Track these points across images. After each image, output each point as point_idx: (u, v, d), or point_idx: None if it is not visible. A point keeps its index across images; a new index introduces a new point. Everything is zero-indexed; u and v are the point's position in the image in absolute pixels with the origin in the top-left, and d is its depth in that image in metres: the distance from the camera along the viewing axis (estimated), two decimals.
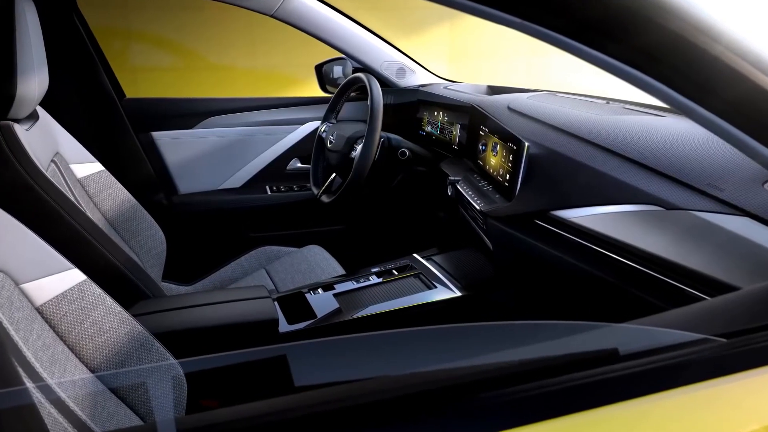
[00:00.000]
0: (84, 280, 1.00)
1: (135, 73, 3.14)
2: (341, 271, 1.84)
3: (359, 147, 1.83)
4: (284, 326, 1.45)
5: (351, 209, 2.35)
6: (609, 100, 1.54)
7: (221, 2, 2.01)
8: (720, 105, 0.58)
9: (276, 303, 1.51)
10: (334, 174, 2.02)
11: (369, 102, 1.77)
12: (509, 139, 1.40)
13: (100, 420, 0.88)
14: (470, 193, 1.56)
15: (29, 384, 0.78)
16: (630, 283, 1.01)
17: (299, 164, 2.35)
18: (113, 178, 1.63)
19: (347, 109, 2.19)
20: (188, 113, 2.26)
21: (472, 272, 1.72)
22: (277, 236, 2.25)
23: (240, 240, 2.23)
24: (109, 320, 1.00)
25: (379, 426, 0.52)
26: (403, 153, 1.93)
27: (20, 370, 0.77)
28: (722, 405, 0.58)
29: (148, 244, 1.66)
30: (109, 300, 1.02)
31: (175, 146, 2.24)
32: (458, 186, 1.66)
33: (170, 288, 1.81)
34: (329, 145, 1.98)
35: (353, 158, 1.86)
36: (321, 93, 2.37)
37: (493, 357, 0.60)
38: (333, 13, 2.15)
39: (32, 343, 0.85)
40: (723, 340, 0.60)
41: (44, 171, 1.24)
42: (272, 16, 2.07)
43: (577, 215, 1.13)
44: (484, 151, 1.60)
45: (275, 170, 2.32)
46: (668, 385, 0.56)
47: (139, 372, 1.02)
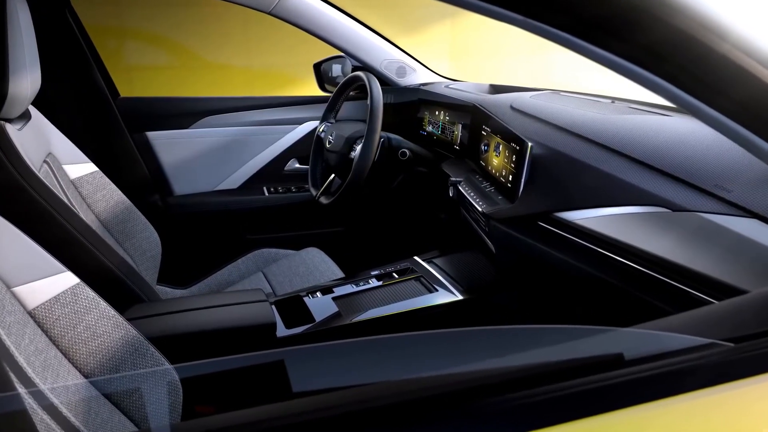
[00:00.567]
0: (77, 284, 1.00)
1: (129, 72, 3.14)
2: (340, 274, 1.84)
3: (359, 147, 1.83)
4: (282, 330, 1.45)
5: (350, 211, 2.35)
6: (614, 100, 1.55)
7: None
8: (727, 104, 0.58)
9: (273, 307, 1.51)
10: (333, 175, 2.02)
11: (369, 101, 1.78)
12: (512, 139, 1.40)
13: (94, 426, 0.88)
14: (472, 195, 1.56)
15: (21, 390, 0.78)
16: (635, 287, 1.01)
17: (297, 165, 2.35)
18: (107, 179, 1.63)
19: (346, 109, 2.19)
20: (184, 113, 2.26)
21: (474, 275, 1.72)
22: (275, 238, 2.25)
23: (237, 242, 2.23)
24: (103, 324, 1.00)
25: None
26: (404, 153, 1.93)
27: (12, 376, 0.77)
28: (730, 411, 0.58)
29: (143, 247, 1.66)
30: (103, 303, 1.02)
31: (171, 146, 2.24)
32: (460, 187, 1.66)
33: (165, 291, 1.81)
34: (328, 146, 1.99)
35: (352, 159, 1.86)
36: (319, 92, 2.38)
37: (496, 362, 0.60)
38: (332, 10, 2.15)
39: (24, 348, 0.85)
40: (731, 345, 0.59)
41: (37, 172, 1.24)
42: (269, 14, 2.07)
43: (582, 217, 1.13)
44: (487, 152, 1.60)
45: (273, 171, 2.33)
46: (674, 391, 0.56)
47: (134, 377, 1.02)
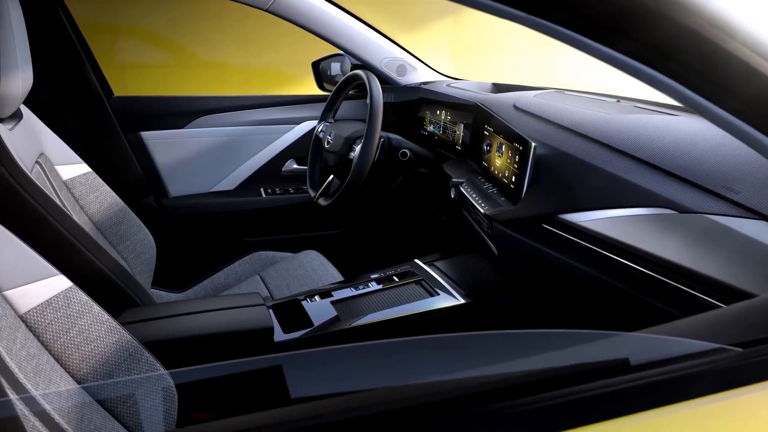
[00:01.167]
0: (70, 287, 1.00)
1: (123, 71, 3.14)
2: (339, 278, 1.84)
3: (358, 147, 1.83)
4: (279, 335, 1.45)
5: (349, 213, 2.35)
6: (620, 99, 1.55)
7: None
8: (736, 103, 0.58)
9: (271, 311, 1.51)
10: (332, 176, 2.02)
11: (368, 100, 1.78)
12: (515, 140, 1.40)
13: None
14: (474, 196, 1.56)
15: (12, 395, 0.78)
16: (641, 290, 1.01)
17: (295, 165, 2.35)
18: (100, 180, 1.63)
19: (345, 108, 2.19)
20: (179, 112, 2.26)
21: (477, 278, 1.72)
22: (272, 241, 2.25)
23: (233, 245, 2.23)
24: (96, 329, 1.00)
25: None
26: (404, 154, 1.93)
27: (3, 381, 0.77)
28: (738, 417, 0.58)
29: (137, 249, 1.66)
30: (97, 308, 1.02)
31: (166, 147, 2.24)
32: (462, 188, 1.66)
33: (160, 295, 1.82)
34: (327, 146, 1.99)
35: (352, 159, 1.86)
36: (318, 91, 2.38)
37: (499, 367, 0.60)
38: (330, 8, 2.15)
39: (16, 353, 0.85)
40: (739, 350, 0.60)
41: (28, 172, 1.24)
42: (267, 11, 2.07)
43: (586, 219, 1.13)
44: (489, 152, 1.60)
45: (270, 172, 2.33)
46: (681, 397, 0.56)
47: (128, 383, 1.02)
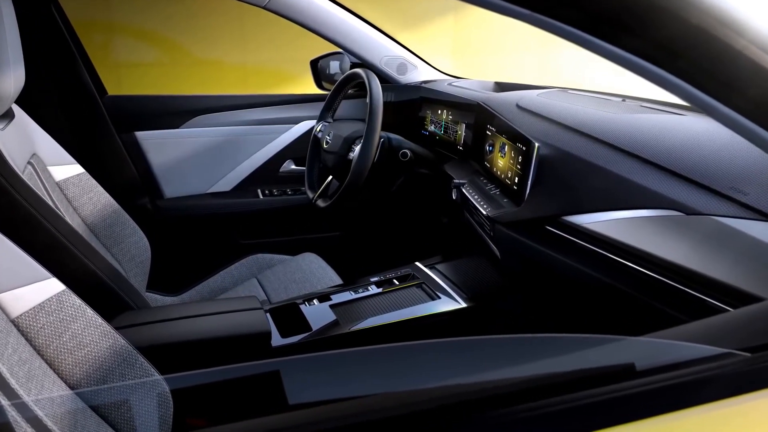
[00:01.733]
0: (63, 291, 1.00)
1: (117, 69, 3.14)
2: (338, 281, 1.84)
3: (357, 148, 1.83)
4: (277, 340, 1.45)
5: (349, 214, 2.35)
6: (625, 98, 1.55)
7: None
8: (744, 103, 0.58)
9: (268, 315, 1.51)
10: (331, 177, 2.02)
11: (368, 99, 1.78)
12: (518, 140, 1.40)
13: None
14: (476, 197, 1.56)
15: (4, 401, 0.78)
16: (647, 294, 1.01)
17: (293, 166, 2.35)
18: (94, 181, 1.63)
19: (345, 108, 2.19)
20: (174, 111, 2.27)
21: (479, 281, 1.72)
22: (270, 243, 2.25)
23: (230, 247, 2.23)
24: (90, 333, 1.00)
25: None
26: (405, 154, 1.93)
27: None
28: (746, 424, 0.58)
29: (132, 252, 1.66)
30: (90, 311, 1.02)
31: (161, 147, 2.24)
32: (463, 189, 1.66)
33: (155, 299, 1.81)
34: (325, 146, 1.99)
35: (351, 160, 1.86)
36: (316, 90, 2.38)
37: (501, 373, 0.60)
38: (329, 5, 2.15)
39: (7, 358, 0.85)
40: (747, 355, 0.59)
41: (20, 173, 1.24)
42: (264, 8, 2.07)
43: (591, 221, 1.13)
44: (491, 152, 1.60)
45: (267, 173, 2.33)
46: (688, 403, 0.56)
47: (122, 389, 1.02)
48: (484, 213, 1.47)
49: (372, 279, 1.75)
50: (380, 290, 1.69)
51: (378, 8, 2.69)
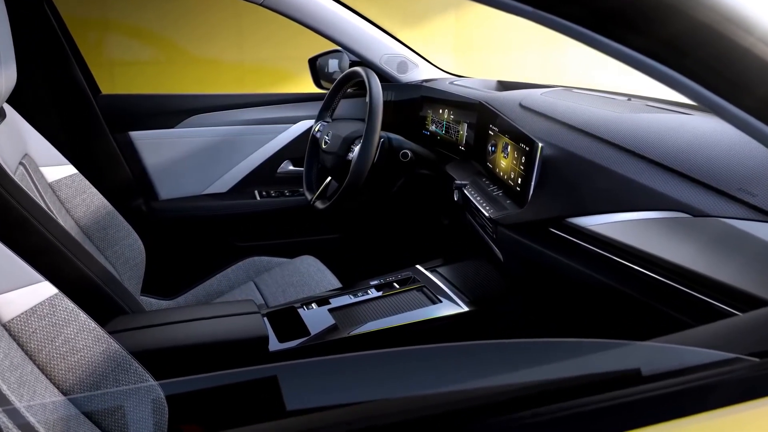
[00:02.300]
0: (55, 294, 1.00)
1: (111, 67, 3.15)
2: (337, 284, 1.84)
3: (357, 148, 1.83)
4: (275, 344, 1.45)
5: (348, 216, 2.35)
6: (631, 97, 1.55)
7: None
8: (752, 102, 0.58)
9: (265, 319, 1.51)
10: (330, 178, 2.02)
11: (367, 99, 1.78)
12: (521, 140, 1.40)
13: None
14: (478, 199, 1.56)
15: None
16: (653, 297, 1.01)
17: (291, 167, 2.35)
18: (87, 182, 1.63)
19: (344, 107, 2.19)
20: (169, 111, 2.27)
21: (481, 285, 1.72)
22: (267, 246, 2.25)
23: (226, 250, 2.23)
24: (83, 338, 1.00)
25: None
26: (405, 155, 1.93)
27: None
28: (754, 431, 0.58)
29: (126, 255, 1.66)
30: (83, 316, 1.02)
31: (155, 147, 2.24)
32: (465, 191, 1.66)
33: (150, 302, 1.81)
34: (324, 146, 1.99)
35: (350, 160, 1.86)
36: (315, 89, 2.38)
37: (504, 378, 0.59)
38: (328, 2, 2.15)
39: None
40: (755, 360, 0.59)
41: (12, 174, 1.24)
42: (262, 5, 2.07)
43: (596, 223, 1.13)
44: (494, 153, 1.60)
45: (265, 173, 2.33)
46: (695, 409, 0.56)
47: (116, 394, 1.02)
48: (487, 215, 1.47)
49: (372, 282, 1.75)
50: (380, 294, 1.69)
51: (378, 5, 2.70)
